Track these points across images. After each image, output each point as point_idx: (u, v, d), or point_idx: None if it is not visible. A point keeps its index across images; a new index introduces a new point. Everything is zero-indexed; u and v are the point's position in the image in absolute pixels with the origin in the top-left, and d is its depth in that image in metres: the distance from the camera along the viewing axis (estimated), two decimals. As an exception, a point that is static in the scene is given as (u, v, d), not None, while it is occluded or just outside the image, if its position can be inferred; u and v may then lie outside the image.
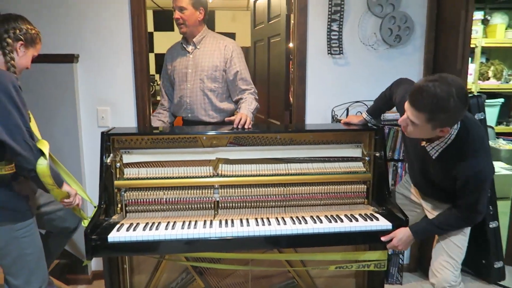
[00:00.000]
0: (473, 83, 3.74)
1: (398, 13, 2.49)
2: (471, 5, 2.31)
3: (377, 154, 2.03)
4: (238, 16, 6.33)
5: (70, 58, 2.41)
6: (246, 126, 2.06)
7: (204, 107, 2.42)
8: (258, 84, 3.48)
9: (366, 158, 2.07)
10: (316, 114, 2.60)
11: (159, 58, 6.25)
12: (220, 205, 2.02)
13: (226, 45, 2.40)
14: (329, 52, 2.53)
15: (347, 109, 2.56)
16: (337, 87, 2.57)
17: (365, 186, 2.07)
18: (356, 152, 2.11)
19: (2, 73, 1.54)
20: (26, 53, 1.68)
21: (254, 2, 3.45)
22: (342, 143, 2.10)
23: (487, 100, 3.62)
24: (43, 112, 2.39)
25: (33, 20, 1.73)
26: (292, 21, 2.65)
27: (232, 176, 2.01)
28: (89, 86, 2.50)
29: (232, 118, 2.18)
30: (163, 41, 6.24)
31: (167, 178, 1.98)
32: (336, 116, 2.55)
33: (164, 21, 6.26)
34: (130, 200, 1.97)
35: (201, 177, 2.00)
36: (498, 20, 3.73)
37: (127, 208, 1.98)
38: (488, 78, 3.90)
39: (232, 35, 6.52)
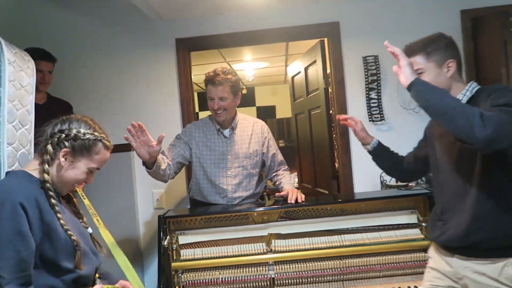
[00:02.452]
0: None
1: (435, 77, 2.54)
2: (510, 62, 2.32)
3: (434, 220, 1.96)
4: (277, 90, 6.65)
5: (128, 147, 2.61)
6: (299, 200, 2.07)
7: (246, 194, 2.32)
8: (302, 154, 3.56)
9: (423, 224, 2.01)
10: (365, 182, 2.59)
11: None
12: (276, 282, 1.99)
13: (262, 126, 2.37)
14: (370, 119, 2.58)
15: (396, 174, 2.53)
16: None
17: (426, 254, 1.98)
18: (412, 218, 2.05)
19: (8, 187, 1.19)
20: (75, 165, 1.31)
21: (292, 78, 3.64)
22: (395, 209, 2.05)
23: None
24: (103, 197, 2.57)
25: (93, 114, 1.78)
26: (330, 94, 2.76)
27: (286, 251, 2.01)
28: (145, 172, 2.67)
29: (281, 193, 2.20)
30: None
31: (222, 257, 2.01)
32: (385, 181, 2.52)
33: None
34: (188, 282, 2.00)
35: (255, 254, 2.01)
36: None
37: (185, 290, 2.00)
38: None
39: (272, 108, 6.81)
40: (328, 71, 2.78)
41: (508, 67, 2.33)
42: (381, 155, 1.89)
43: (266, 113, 6.74)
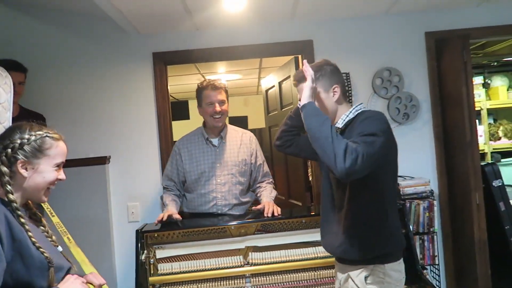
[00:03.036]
0: (485, 144, 3.81)
1: (402, 94, 2.68)
2: (470, 81, 2.48)
3: (403, 231, 2.06)
4: (249, 101, 6.72)
5: (103, 160, 2.61)
6: (275, 214, 2.12)
7: (237, 202, 2.35)
8: (276, 165, 3.62)
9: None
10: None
11: (177, 145, 6.58)
12: (252, 295, 2.03)
13: (250, 137, 2.43)
14: (342, 134, 2.68)
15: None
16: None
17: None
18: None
19: None
20: (38, 169, 1.26)
21: (266, 91, 3.72)
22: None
23: (502, 160, 3.67)
24: (76, 211, 2.53)
25: (69, 127, 1.75)
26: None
27: (262, 264, 2.05)
28: (120, 184, 2.67)
29: (258, 207, 2.24)
30: (181, 129, 6.59)
31: (200, 270, 2.03)
32: (356, 193, 2.62)
33: (180, 110, 6.66)
34: (165, 296, 2.00)
35: (232, 267, 2.05)
36: (499, 82, 3.90)
37: (162, 305, 2.01)
38: (500, 138, 3.97)
39: (244, 118, 6.86)
40: (302, 86, 2.87)
41: (468, 85, 2.49)
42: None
43: (238, 123, 6.76)
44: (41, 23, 2.67)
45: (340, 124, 1.54)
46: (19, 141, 1.23)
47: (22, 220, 1.23)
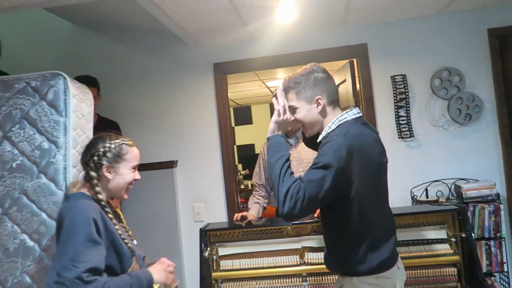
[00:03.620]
0: None
1: (464, 94, 2.60)
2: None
3: (463, 235, 2.02)
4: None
5: (171, 164, 2.84)
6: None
7: None
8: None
9: (452, 239, 2.06)
10: (395, 197, 2.65)
11: (241, 149, 6.80)
12: (309, 293, 2.10)
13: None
14: (399, 136, 2.66)
15: (426, 189, 2.59)
16: (412, 169, 2.65)
17: (455, 269, 2.03)
18: (441, 233, 2.11)
19: (79, 207, 1.39)
20: (119, 171, 1.48)
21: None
22: (424, 225, 2.12)
23: None
24: (148, 210, 2.78)
25: (139, 134, 2.01)
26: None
27: (319, 264, 2.12)
28: (186, 186, 2.88)
29: None
30: (244, 134, 6.84)
31: (258, 268, 2.15)
32: (415, 196, 2.59)
33: (243, 116, 6.90)
34: (226, 291, 2.15)
35: (289, 266, 2.14)
36: None
37: (224, 299, 2.15)
38: None
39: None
40: (358, 89, 2.89)
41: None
42: None
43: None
44: (113, 41, 2.99)
45: (320, 137, 1.52)
46: (102, 150, 1.46)
47: (110, 215, 1.46)
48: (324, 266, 2.07)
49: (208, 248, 2.19)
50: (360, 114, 1.55)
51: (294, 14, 2.30)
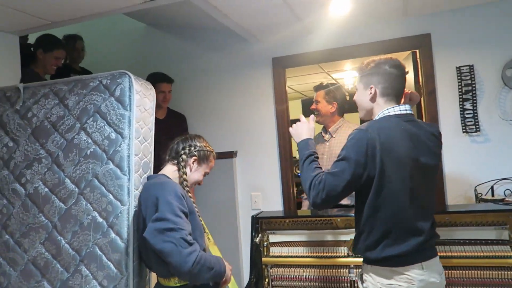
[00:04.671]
0: None
1: (540, 85, 2.38)
2: None
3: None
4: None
5: (231, 154, 3.01)
6: None
7: None
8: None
9: (514, 241, 1.94)
10: (457, 194, 2.54)
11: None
12: (356, 284, 2.13)
13: None
14: (464, 130, 2.52)
15: (492, 187, 2.43)
16: (477, 165, 2.50)
17: (515, 273, 1.91)
18: (502, 234, 2.00)
19: (168, 184, 1.62)
20: (198, 169, 1.79)
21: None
22: (483, 225, 2.02)
23: None
24: (209, 198, 2.98)
25: (204, 126, 2.23)
26: (422, 104, 2.76)
27: (366, 256, 2.13)
28: (245, 176, 3.03)
29: None
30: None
31: (306, 257, 2.23)
32: (480, 195, 2.45)
33: (349, 104, 6.87)
34: (276, 276, 2.27)
35: (337, 256, 2.18)
36: None
37: (273, 283, 2.27)
38: None
39: (376, 114, 6.72)
40: (420, 82, 2.78)
41: None
42: None
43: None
44: (182, 40, 3.22)
45: None
46: (199, 146, 1.80)
47: (190, 194, 1.72)
48: (372, 259, 2.09)
49: (259, 235, 2.31)
50: (408, 112, 1.61)
51: (347, 7, 2.30)
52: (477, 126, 2.50)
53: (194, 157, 1.78)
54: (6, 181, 1.90)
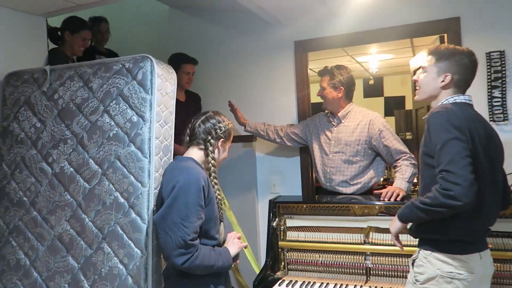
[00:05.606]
0: None
1: None
2: None
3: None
4: (407, 80, 6.37)
5: (251, 138, 3.02)
6: (392, 199, 2.17)
7: (344, 179, 2.51)
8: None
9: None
10: None
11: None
12: (371, 271, 2.14)
13: (371, 120, 2.46)
14: (491, 119, 2.45)
15: (518, 178, 2.36)
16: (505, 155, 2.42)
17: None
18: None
19: (194, 172, 1.60)
20: (225, 148, 1.77)
21: (414, 72, 3.56)
22: (506, 217, 1.98)
23: None
24: (231, 181, 3.02)
25: (225, 110, 2.19)
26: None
27: (383, 244, 2.13)
28: (265, 160, 3.05)
29: (381, 191, 2.30)
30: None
31: (323, 242, 2.24)
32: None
33: (373, 88, 6.76)
34: (291, 260, 2.30)
35: (354, 243, 2.19)
36: None
37: (288, 266, 2.31)
38: None
39: (401, 98, 6.57)
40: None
41: None
42: None
43: (394, 104, 6.53)
44: (205, 22, 3.22)
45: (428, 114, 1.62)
46: (223, 125, 1.73)
47: (216, 181, 1.71)
48: (389, 247, 2.09)
49: (277, 219, 2.34)
50: (471, 102, 1.67)
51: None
52: (505, 115, 2.42)
53: (222, 139, 1.74)
54: (34, 160, 1.98)
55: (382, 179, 3.18)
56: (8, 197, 2.01)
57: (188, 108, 2.82)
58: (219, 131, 1.71)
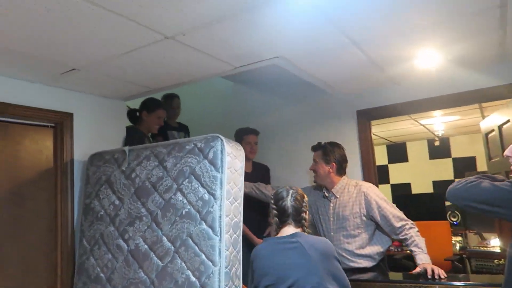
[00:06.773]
0: None
1: None
2: None
3: None
4: (476, 139, 6.05)
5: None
6: (442, 276, 2.06)
7: (348, 253, 2.44)
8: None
9: None
10: None
11: (395, 188, 6.49)
12: None
13: (365, 192, 2.44)
14: None
15: None
16: None
17: None
18: None
19: (326, 241, 1.85)
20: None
21: (486, 135, 3.39)
22: None
23: None
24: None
25: (289, 176, 2.23)
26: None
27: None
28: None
29: (416, 270, 2.17)
30: (398, 171, 6.55)
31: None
32: None
33: (398, 153, 6.63)
34: None
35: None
36: None
37: None
38: None
39: (471, 159, 6.20)
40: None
41: None
42: None
43: (464, 165, 6.16)
44: (266, 94, 3.36)
45: None
46: (305, 201, 1.93)
47: None
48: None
49: None
50: None
51: (436, 59, 2.22)
52: None
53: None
54: (112, 236, 2.08)
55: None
56: (86, 272, 2.11)
57: (254, 179, 2.86)
58: (304, 204, 1.91)
